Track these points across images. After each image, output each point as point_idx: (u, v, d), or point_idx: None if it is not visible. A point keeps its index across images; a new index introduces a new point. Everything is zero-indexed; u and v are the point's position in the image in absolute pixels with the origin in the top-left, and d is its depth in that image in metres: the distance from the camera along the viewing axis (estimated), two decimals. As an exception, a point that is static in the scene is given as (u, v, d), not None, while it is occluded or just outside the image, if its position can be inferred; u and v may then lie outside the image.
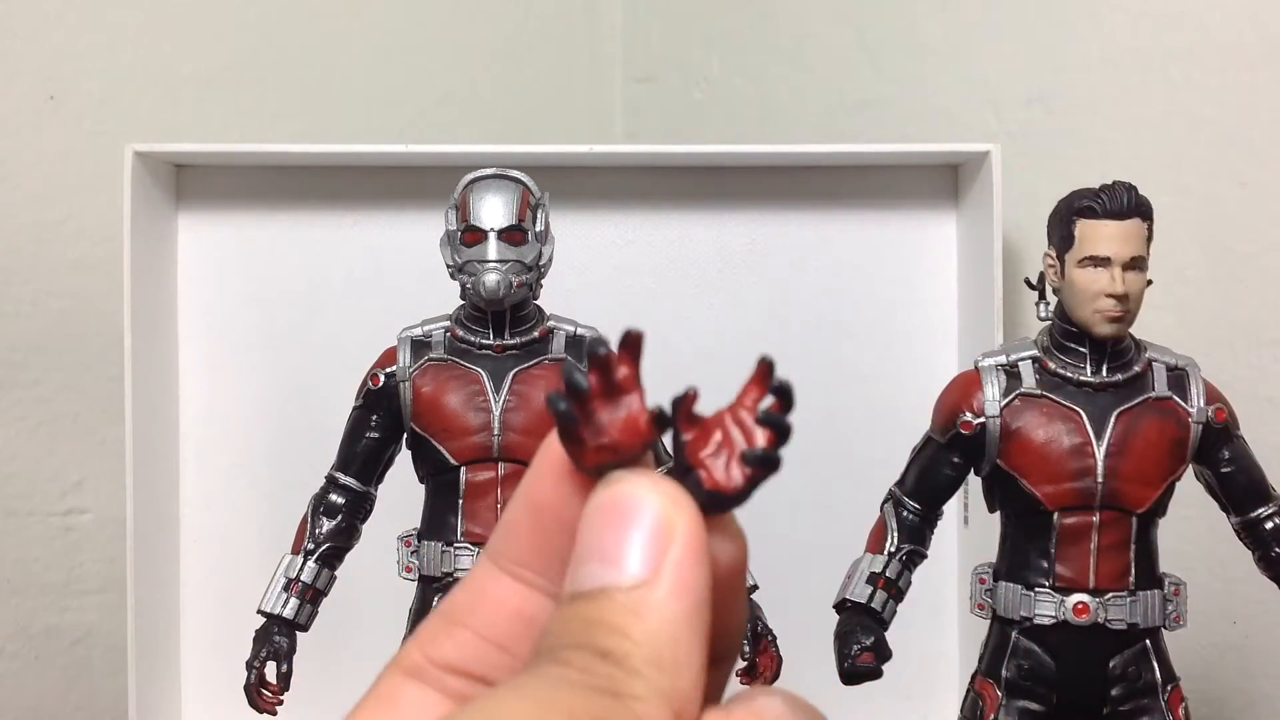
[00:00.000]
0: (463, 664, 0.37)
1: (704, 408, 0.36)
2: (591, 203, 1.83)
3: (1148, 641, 1.27)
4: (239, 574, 1.78)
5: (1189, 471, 1.30)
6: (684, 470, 0.35)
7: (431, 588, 1.39)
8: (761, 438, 0.35)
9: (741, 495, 0.35)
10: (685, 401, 0.36)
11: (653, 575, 0.33)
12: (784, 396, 0.36)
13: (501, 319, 1.41)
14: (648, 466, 0.36)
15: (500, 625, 0.37)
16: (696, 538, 0.34)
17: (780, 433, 0.35)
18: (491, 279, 1.36)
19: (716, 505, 0.35)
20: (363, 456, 1.44)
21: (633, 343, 0.36)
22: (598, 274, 1.83)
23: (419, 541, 1.41)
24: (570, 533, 0.35)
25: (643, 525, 0.34)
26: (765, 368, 0.36)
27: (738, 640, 0.38)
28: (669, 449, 0.38)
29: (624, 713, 0.31)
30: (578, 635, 0.32)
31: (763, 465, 0.35)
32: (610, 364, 0.35)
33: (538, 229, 1.41)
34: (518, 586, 0.37)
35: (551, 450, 0.36)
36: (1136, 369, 1.28)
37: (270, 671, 1.40)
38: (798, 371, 0.50)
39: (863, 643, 1.27)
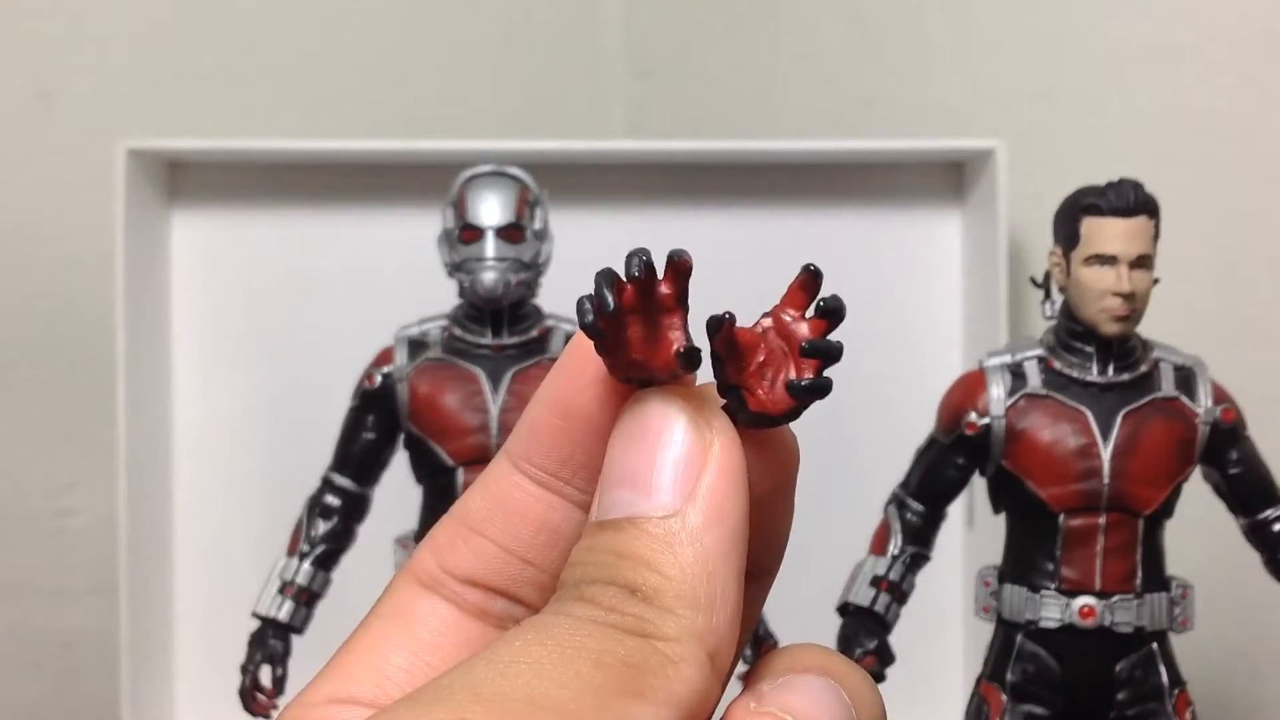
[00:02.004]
0: (483, 577, 0.34)
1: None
2: (591, 200, 1.82)
3: (1155, 645, 1.25)
4: (233, 576, 1.77)
5: (1196, 473, 1.28)
6: (726, 388, 0.32)
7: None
8: (809, 367, 0.32)
9: (790, 416, 0.32)
10: (724, 329, 0.32)
11: (685, 504, 0.31)
12: (833, 318, 0.33)
13: (500, 318, 1.40)
14: (689, 382, 0.33)
15: (523, 535, 0.34)
16: (733, 462, 0.31)
17: (828, 360, 0.32)
18: (489, 277, 1.35)
19: (762, 424, 0.32)
20: (359, 457, 1.43)
21: (680, 268, 0.32)
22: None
23: (415, 543, 1.40)
24: (603, 437, 0.33)
25: (675, 448, 0.31)
26: (809, 278, 0.33)
27: (780, 553, 0.35)
28: None
29: (654, 656, 0.29)
30: (605, 569, 0.30)
31: (814, 393, 0.32)
32: (648, 276, 0.32)
33: (536, 227, 1.39)
34: (541, 493, 0.34)
35: (581, 349, 0.33)
36: (1143, 369, 1.26)
37: (265, 675, 1.39)
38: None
39: (865, 646, 1.26)
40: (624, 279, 0.32)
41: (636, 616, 0.29)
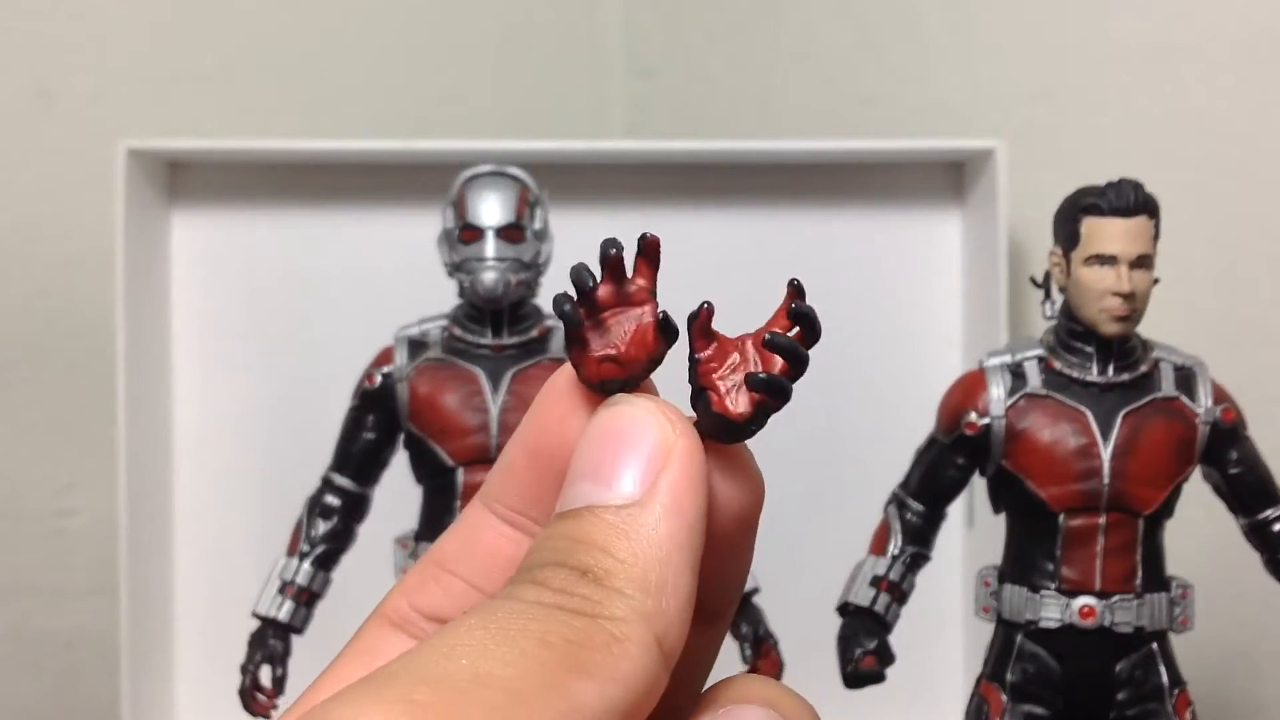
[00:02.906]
0: (451, 613, 0.34)
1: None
2: (591, 200, 1.82)
3: (1155, 645, 1.25)
4: (233, 576, 1.77)
5: (1196, 473, 1.28)
6: (696, 391, 0.33)
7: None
8: (776, 364, 0.33)
9: (749, 422, 0.33)
10: (701, 316, 0.33)
11: (644, 495, 0.31)
12: (805, 323, 0.34)
13: (500, 318, 1.39)
14: (653, 392, 0.34)
15: (493, 573, 0.35)
16: (694, 461, 0.32)
17: (794, 361, 0.33)
18: (489, 277, 1.35)
19: (724, 431, 0.33)
20: (359, 457, 1.43)
21: (650, 250, 0.33)
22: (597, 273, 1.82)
23: (415, 543, 1.40)
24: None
25: (639, 446, 0.32)
26: (793, 292, 0.34)
27: (735, 597, 0.36)
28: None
29: (600, 634, 0.29)
30: (559, 553, 0.31)
31: (768, 391, 0.33)
32: (621, 268, 0.33)
33: (536, 227, 1.39)
34: (513, 533, 0.35)
35: (553, 391, 0.35)
36: (1143, 369, 1.26)
37: (265, 675, 1.39)
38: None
39: (866, 646, 1.26)
40: (600, 264, 0.33)
41: (584, 597, 0.30)
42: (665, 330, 0.33)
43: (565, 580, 0.30)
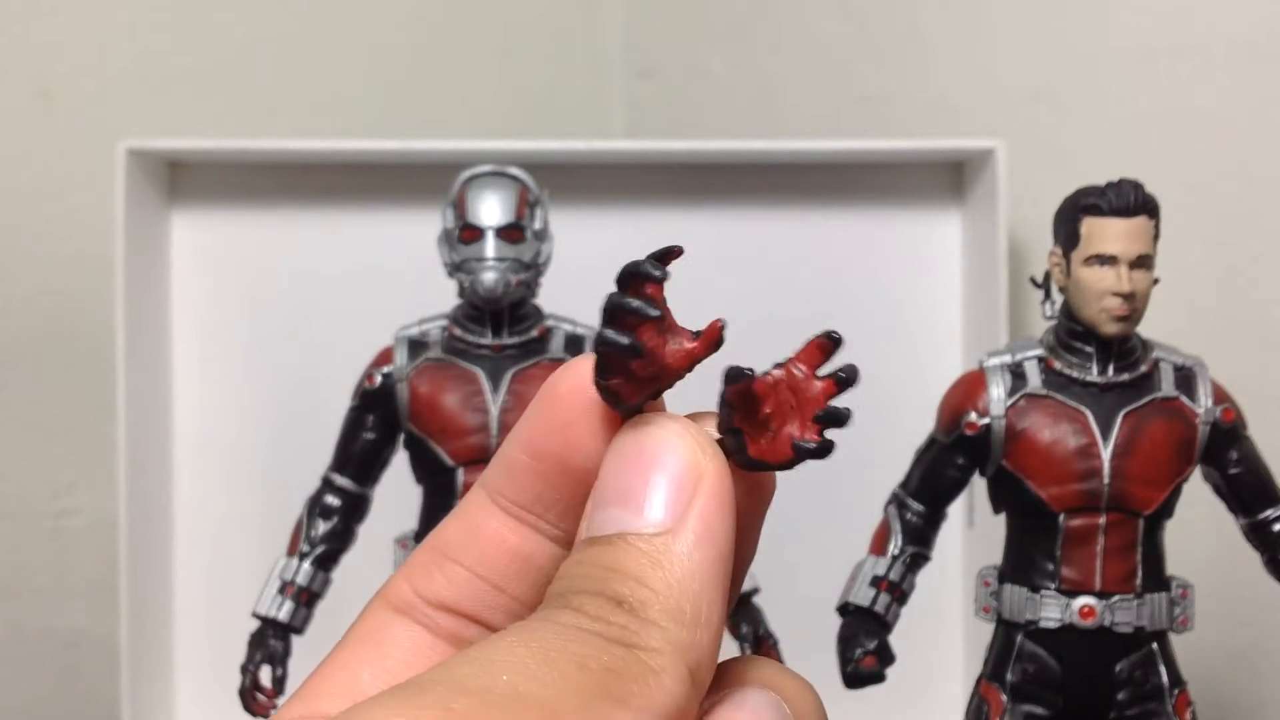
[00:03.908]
0: (455, 601, 0.35)
1: (699, 406, 0.35)
2: (591, 200, 1.82)
3: (1155, 645, 1.25)
4: (233, 576, 1.77)
5: (1196, 473, 1.28)
6: (728, 429, 0.33)
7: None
8: (815, 430, 0.34)
9: (785, 467, 0.33)
10: (743, 382, 0.33)
11: (676, 524, 0.31)
12: (846, 387, 0.34)
13: (500, 318, 1.39)
14: (662, 408, 0.34)
15: (496, 562, 0.35)
16: (724, 488, 0.32)
17: (838, 427, 0.34)
18: (489, 277, 1.35)
19: (755, 469, 0.34)
20: (359, 458, 1.42)
21: (668, 259, 0.34)
22: (597, 272, 1.82)
23: (415, 544, 1.40)
24: (575, 479, 0.34)
25: (669, 470, 0.32)
26: (827, 342, 0.35)
27: (739, 587, 0.36)
28: None
29: (637, 665, 0.29)
30: (593, 581, 0.31)
31: (815, 456, 0.33)
32: (662, 277, 0.34)
33: (536, 227, 1.39)
34: (515, 525, 0.35)
35: (554, 392, 0.34)
36: (1143, 369, 1.26)
37: (265, 675, 1.39)
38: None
39: (866, 646, 1.26)
40: (643, 289, 0.34)
41: (622, 626, 0.30)
42: (712, 347, 0.34)
43: (602, 608, 0.30)
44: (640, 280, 0.34)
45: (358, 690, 0.34)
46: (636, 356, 0.33)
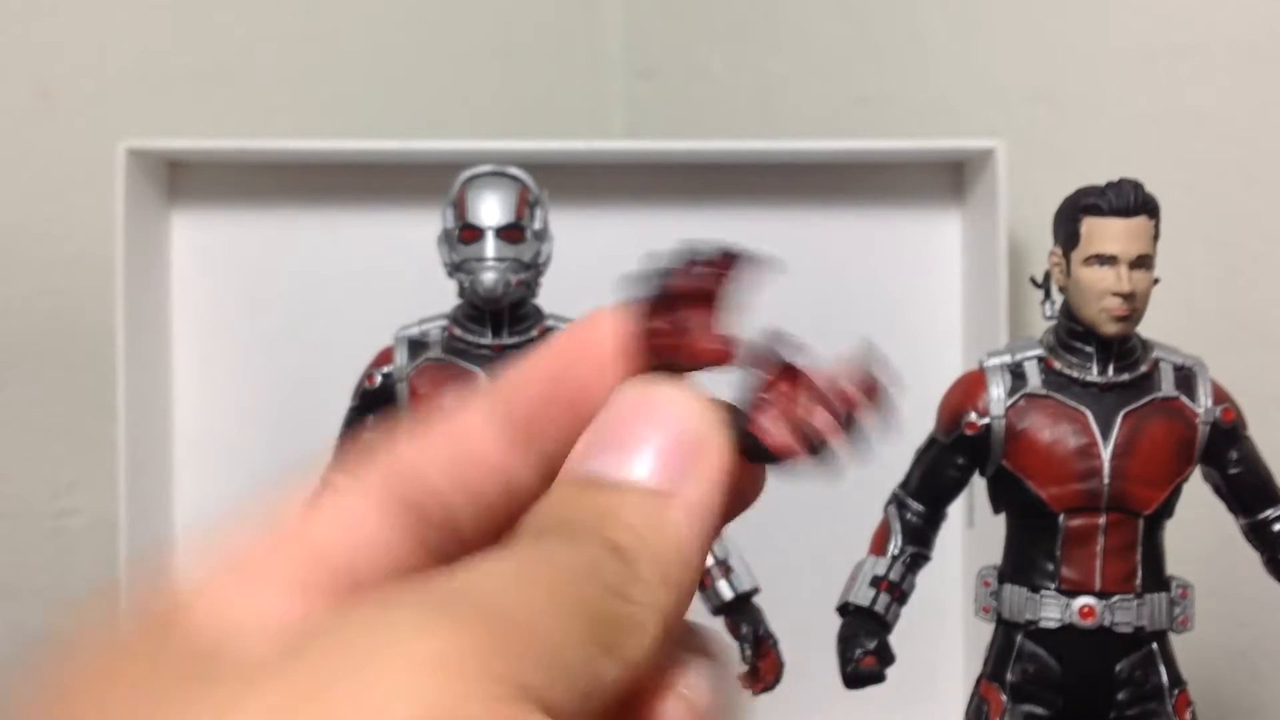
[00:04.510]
0: (429, 491, 0.33)
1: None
2: (591, 200, 1.81)
3: (1155, 645, 1.25)
4: (234, 576, 1.76)
5: (1196, 473, 1.28)
6: (738, 405, 0.33)
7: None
8: (832, 427, 0.33)
9: (781, 459, 0.32)
10: (773, 350, 0.33)
11: (676, 486, 0.31)
12: (881, 406, 0.33)
13: (500, 318, 1.39)
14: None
15: (480, 469, 0.33)
16: (726, 462, 0.32)
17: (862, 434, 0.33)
18: (489, 277, 1.35)
19: (755, 454, 0.32)
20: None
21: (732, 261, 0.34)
22: (597, 272, 1.81)
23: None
24: (578, 416, 0.32)
25: (676, 429, 0.31)
26: (875, 373, 0.34)
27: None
28: None
29: (626, 618, 0.28)
30: (591, 522, 0.30)
31: (818, 455, 0.32)
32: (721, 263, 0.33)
33: (536, 227, 1.39)
34: (509, 443, 0.33)
35: (599, 321, 0.34)
36: (1143, 369, 1.26)
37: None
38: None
39: (866, 646, 1.26)
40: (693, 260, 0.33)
41: (616, 574, 0.29)
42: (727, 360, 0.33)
43: (599, 552, 0.29)
44: (726, 263, 0.33)
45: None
46: (665, 297, 0.33)
